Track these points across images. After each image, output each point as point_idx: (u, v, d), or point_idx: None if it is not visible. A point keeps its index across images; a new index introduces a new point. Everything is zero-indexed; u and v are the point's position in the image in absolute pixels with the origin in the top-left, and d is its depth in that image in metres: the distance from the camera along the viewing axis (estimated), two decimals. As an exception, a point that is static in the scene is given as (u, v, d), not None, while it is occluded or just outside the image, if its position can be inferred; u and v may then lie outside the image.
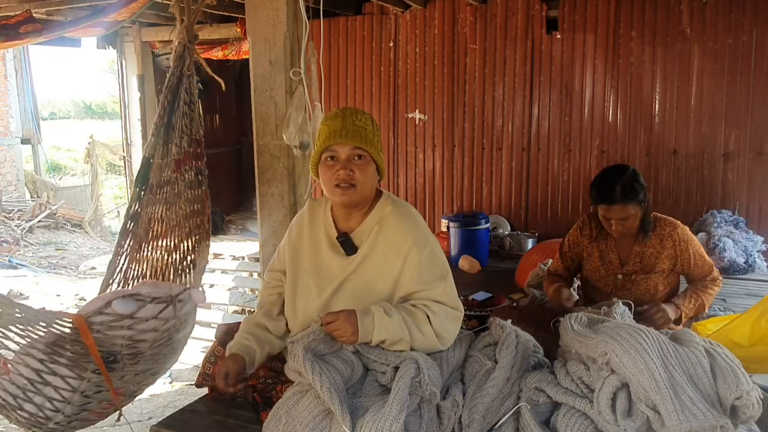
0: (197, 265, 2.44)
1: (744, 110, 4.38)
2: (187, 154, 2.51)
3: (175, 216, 2.45)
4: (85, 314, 1.80)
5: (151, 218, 2.44)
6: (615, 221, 2.46)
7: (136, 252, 2.41)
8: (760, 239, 4.20)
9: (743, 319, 2.22)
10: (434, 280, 1.81)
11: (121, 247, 2.43)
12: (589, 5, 4.65)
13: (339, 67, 5.51)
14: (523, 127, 4.99)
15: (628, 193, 2.40)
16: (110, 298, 1.82)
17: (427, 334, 1.75)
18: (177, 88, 2.53)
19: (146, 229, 2.43)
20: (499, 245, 4.75)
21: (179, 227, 2.45)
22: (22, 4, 4.31)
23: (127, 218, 2.46)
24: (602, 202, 2.46)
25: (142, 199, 2.46)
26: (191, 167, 2.52)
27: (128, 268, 2.41)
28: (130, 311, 1.82)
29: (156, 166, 2.46)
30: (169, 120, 2.50)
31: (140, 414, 4.23)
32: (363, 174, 1.78)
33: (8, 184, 10.49)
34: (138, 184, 2.48)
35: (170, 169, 2.47)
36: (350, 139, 1.75)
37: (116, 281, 2.39)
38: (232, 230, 7.03)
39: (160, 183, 2.46)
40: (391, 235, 1.82)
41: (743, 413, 1.44)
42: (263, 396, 1.95)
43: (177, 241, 2.44)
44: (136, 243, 2.42)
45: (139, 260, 2.41)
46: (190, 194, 2.50)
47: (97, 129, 14.06)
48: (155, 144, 2.48)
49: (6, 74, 10.49)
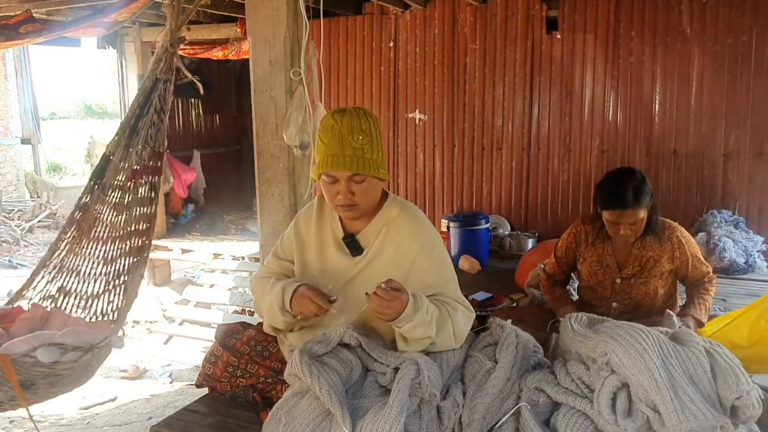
0: (128, 290, 2.32)
1: (744, 110, 4.38)
2: (145, 168, 2.38)
3: (119, 227, 2.36)
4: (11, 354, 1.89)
5: (97, 218, 2.37)
6: (625, 226, 2.42)
7: (76, 244, 2.36)
8: (760, 239, 4.20)
9: (743, 319, 2.23)
10: (446, 283, 1.84)
11: (65, 233, 2.39)
12: (589, 5, 4.65)
13: (339, 67, 5.50)
14: (523, 127, 4.99)
15: (639, 197, 2.38)
16: (36, 344, 1.91)
17: (448, 333, 1.77)
18: (150, 93, 2.42)
19: (90, 226, 2.35)
20: (499, 245, 4.75)
21: (120, 241, 2.35)
22: (22, 4, 4.31)
23: (76, 207, 2.41)
24: (614, 207, 2.41)
25: (93, 194, 2.39)
26: (147, 182, 2.40)
27: (66, 257, 2.36)
28: (52, 360, 1.93)
29: (113, 166, 2.38)
30: (135, 124, 2.40)
31: (140, 414, 4.23)
32: (364, 194, 1.76)
33: (8, 184, 10.49)
34: (93, 178, 2.41)
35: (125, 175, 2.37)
36: (347, 168, 1.70)
37: (53, 265, 2.35)
38: (232, 230, 7.03)
39: (113, 186, 2.37)
40: (399, 238, 1.82)
41: (743, 413, 1.44)
42: (263, 396, 1.95)
43: (115, 254, 2.34)
44: (79, 235, 2.36)
45: (78, 254, 2.35)
46: (139, 211, 2.37)
47: (97, 129, 14.05)
48: (117, 143, 2.40)
49: (6, 74, 10.49)
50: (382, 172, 1.76)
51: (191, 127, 7.85)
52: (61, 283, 2.34)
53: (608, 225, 2.49)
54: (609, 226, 2.49)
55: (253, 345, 2.02)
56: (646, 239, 2.52)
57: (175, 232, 6.83)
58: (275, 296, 1.81)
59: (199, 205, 7.49)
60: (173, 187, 6.85)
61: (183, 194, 7.03)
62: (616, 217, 2.43)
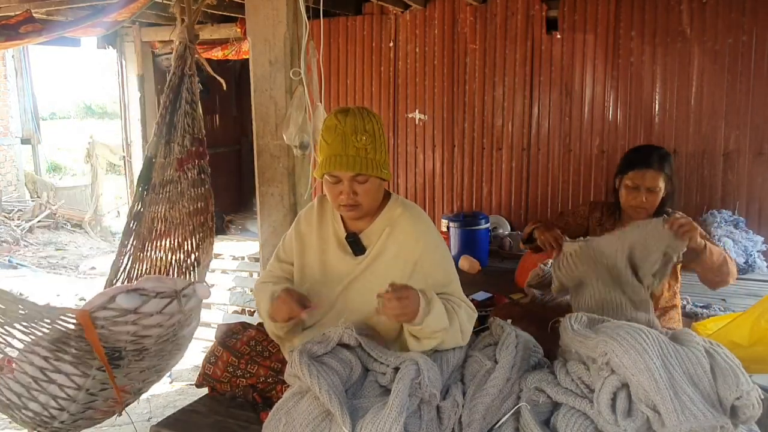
0: (201, 262, 2.44)
1: (744, 110, 4.38)
2: (189, 153, 2.51)
3: (178, 214, 2.46)
4: (89, 309, 1.77)
5: (154, 217, 2.45)
6: (644, 192, 2.41)
7: (139, 252, 2.42)
8: (760, 239, 4.20)
9: (743, 319, 2.23)
10: (450, 282, 1.85)
11: (125, 246, 2.44)
12: (589, 5, 4.65)
13: (339, 67, 5.50)
14: (523, 127, 4.99)
15: (663, 163, 2.42)
16: (114, 293, 1.80)
17: (455, 329, 1.77)
18: (179, 88, 2.54)
19: (149, 229, 2.43)
20: (499, 245, 4.75)
21: (183, 225, 2.45)
22: (22, 4, 4.31)
23: (130, 218, 2.47)
24: (638, 166, 2.42)
25: (144, 199, 2.47)
26: (194, 166, 2.53)
27: (131, 267, 2.41)
28: (134, 306, 1.79)
29: (159, 165, 2.48)
30: (171, 119, 2.51)
31: (140, 414, 4.23)
32: (366, 194, 1.76)
33: (8, 184, 10.49)
34: (141, 184, 2.49)
35: (173, 167, 2.48)
36: (350, 168, 1.71)
37: (119, 281, 2.39)
38: (232, 230, 7.03)
39: (163, 182, 2.47)
40: (402, 238, 1.82)
41: (743, 413, 1.44)
42: (263, 396, 1.95)
43: (181, 239, 2.44)
44: (140, 243, 2.42)
45: (143, 260, 2.42)
46: (194, 192, 2.51)
47: (97, 129, 14.06)
48: (157, 143, 2.49)
49: (6, 74, 10.50)
50: (385, 173, 1.77)
51: (191, 127, 7.84)
52: None
53: (627, 192, 2.46)
54: (627, 193, 2.46)
55: (253, 345, 2.02)
56: None
57: (175, 232, 6.83)
58: (265, 304, 1.83)
59: (199, 205, 7.49)
60: (173, 187, 6.85)
61: (183, 194, 7.03)
62: (639, 178, 2.42)
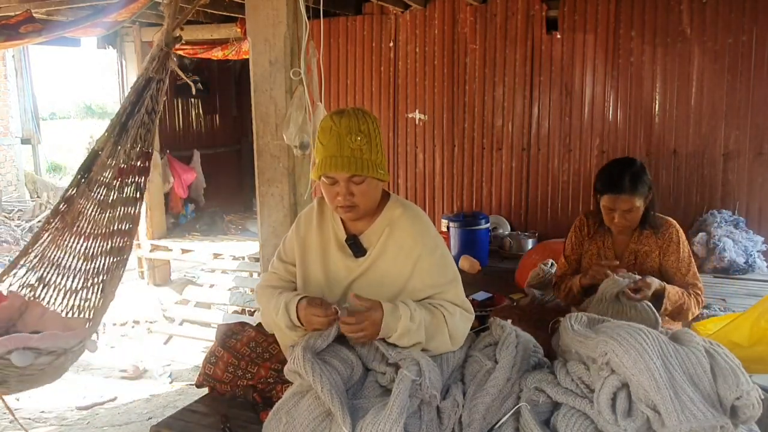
0: (105, 290, 2.29)
1: (744, 110, 4.38)
2: (132, 167, 2.37)
3: (102, 224, 2.34)
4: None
5: (81, 212, 2.35)
6: (619, 213, 2.41)
7: (59, 236, 2.35)
8: (760, 239, 4.20)
9: (743, 319, 2.22)
10: (447, 283, 1.83)
11: (49, 224, 2.37)
12: (589, 5, 4.65)
13: (339, 67, 5.50)
14: (523, 127, 4.99)
15: (635, 184, 2.37)
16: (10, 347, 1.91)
17: (443, 336, 1.76)
18: (142, 92, 2.39)
19: (73, 219, 2.34)
20: (499, 245, 4.75)
21: (102, 239, 2.33)
22: (22, 4, 4.30)
23: (62, 199, 2.40)
24: (609, 191, 2.41)
25: (79, 187, 2.37)
26: (132, 182, 2.38)
27: (47, 247, 2.35)
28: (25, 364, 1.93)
29: (101, 162, 2.36)
30: (125, 122, 2.38)
31: (140, 414, 4.23)
32: (363, 195, 1.76)
33: (8, 184, 10.49)
34: (80, 171, 2.40)
35: (112, 173, 2.35)
36: (346, 169, 1.70)
37: (35, 254, 2.35)
38: (232, 230, 7.03)
39: (99, 182, 2.35)
40: (402, 238, 1.81)
41: (743, 413, 1.44)
42: (263, 396, 1.95)
43: (96, 251, 2.33)
44: (62, 227, 2.35)
45: (60, 246, 2.34)
46: (123, 211, 2.36)
47: (97, 129, 14.04)
48: (107, 139, 2.38)
49: (6, 74, 10.49)
50: (382, 173, 1.76)
51: (191, 127, 7.85)
52: (41, 274, 2.33)
53: (604, 212, 2.47)
54: (605, 213, 2.47)
55: (254, 347, 2.02)
56: (643, 233, 2.51)
57: (175, 232, 6.83)
58: (281, 317, 1.79)
59: (199, 205, 7.49)
60: (173, 187, 6.85)
61: (183, 194, 7.03)
62: (611, 203, 2.42)
